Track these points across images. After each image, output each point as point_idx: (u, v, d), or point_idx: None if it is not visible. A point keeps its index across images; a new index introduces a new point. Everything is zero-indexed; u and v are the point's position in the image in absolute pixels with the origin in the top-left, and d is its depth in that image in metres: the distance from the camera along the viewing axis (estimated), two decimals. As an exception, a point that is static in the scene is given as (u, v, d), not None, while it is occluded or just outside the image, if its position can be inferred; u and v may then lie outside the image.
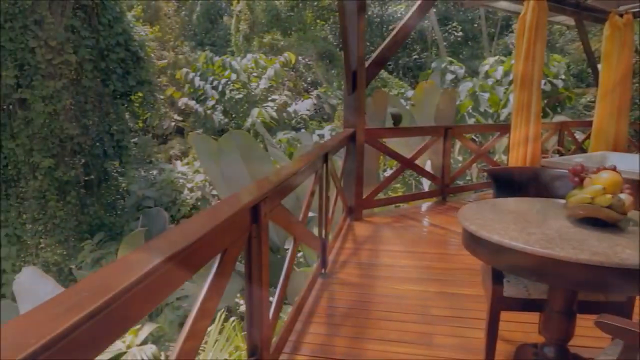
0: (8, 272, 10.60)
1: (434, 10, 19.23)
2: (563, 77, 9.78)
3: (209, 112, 12.81)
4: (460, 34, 20.71)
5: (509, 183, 2.88)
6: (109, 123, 11.27)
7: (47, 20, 10.03)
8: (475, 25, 21.11)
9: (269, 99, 12.60)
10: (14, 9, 9.75)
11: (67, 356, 0.88)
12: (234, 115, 12.68)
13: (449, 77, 9.29)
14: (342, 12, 4.52)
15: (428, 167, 6.81)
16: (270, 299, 2.35)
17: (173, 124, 15.88)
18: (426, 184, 7.20)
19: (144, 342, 5.15)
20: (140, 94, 11.84)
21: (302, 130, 10.71)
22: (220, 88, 12.56)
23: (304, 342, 2.89)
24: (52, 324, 0.87)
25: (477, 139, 9.03)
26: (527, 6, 5.23)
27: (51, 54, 10.19)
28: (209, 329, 4.90)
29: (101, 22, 10.97)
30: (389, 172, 8.51)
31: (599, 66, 6.85)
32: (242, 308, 7.77)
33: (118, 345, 4.93)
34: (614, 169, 2.06)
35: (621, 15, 6.31)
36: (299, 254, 7.10)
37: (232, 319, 4.38)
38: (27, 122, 10.23)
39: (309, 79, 19.29)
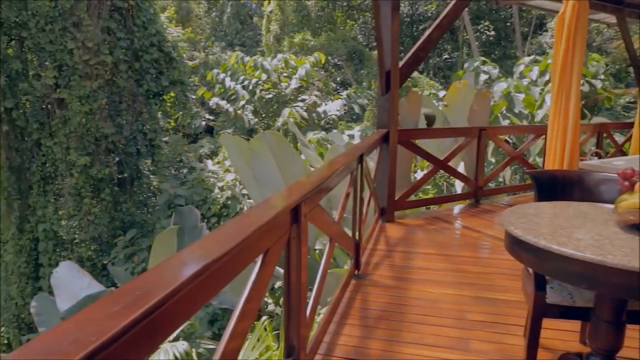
0: (45, 265, 10.94)
1: (466, 9, 18.93)
2: (602, 77, 9.47)
3: (239, 111, 12.93)
4: (492, 33, 20.34)
5: (551, 186, 2.79)
6: (142, 122, 11.51)
7: (84, 22, 10.31)
8: (508, 24, 20.70)
9: (299, 99, 12.63)
10: (54, 12, 10.06)
11: (124, 354, 0.88)
12: (264, 115, 12.77)
13: (483, 77, 9.12)
14: (377, 12, 4.48)
15: (461, 168, 6.70)
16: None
17: (204, 123, 16.10)
18: (459, 186, 7.08)
19: (176, 339, 5.23)
20: (172, 94, 12.05)
21: (334, 130, 10.69)
22: (250, 88, 12.67)
23: (338, 344, 2.87)
24: (110, 321, 0.87)
25: (510, 141, 8.84)
26: (566, 4, 5.08)
27: (88, 54, 10.47)
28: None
29: (136, 23, 11.21)
30: (419, 174, 8.42)
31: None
32: (271, 307, 7.80)
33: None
34: (668, 173, 1.97)
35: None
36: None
37: (263, 318, 4.39)
38: (65, 121, 10.54)
39: (338, 78, 19.28)
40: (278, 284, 7.26)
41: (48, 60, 10.26)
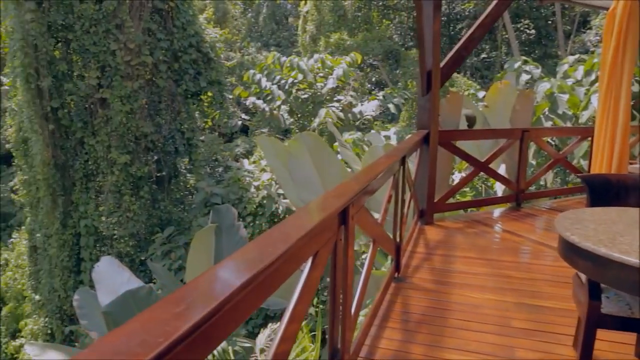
0: (86, 260, 11.28)
1: (506, 7, 18.45)
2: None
3: (275, 111, 13.03)
4: (533, 32, 19.77)
5: (605, 190, 2.67)
6: (180, 122, 11.73)
7: (127, 24, 10.59)
8: (549, 22, 20.09)
9: (335, 99, 12.61)
10: (98, 14, 10.37)
11: (188, 355, 0.88)
12: (299, 115, 12.81)
13: (524, 77, 8.86)
14: (419, 12, 4.41)
15: (501, 170, 6.53)
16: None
17: (240, 122, 16.28)
18: (499, 189, 6.91)
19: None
20: (209, 94, 12.23)
21: (372, 131, 10.62)
22: (286, 88, 12.74)
23: (379, 347, 2.83)
24: (175, 322, 0.87)
25: (552, 143, 8.57)
26: (617, 2, 4.87)
27: (130, 55, 10.75)
28: (278, 329, 4.96)
29: (175, 24, 11.44)
30: (456, 176, 8.27)
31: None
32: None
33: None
34: None
35: None
36: (363, 256, 7.04)
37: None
38: (107, 121, 10.85)
39: (373, 79, 19.17)
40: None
41: (92, 61, 10.58)
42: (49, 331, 12.16)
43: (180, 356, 0.85)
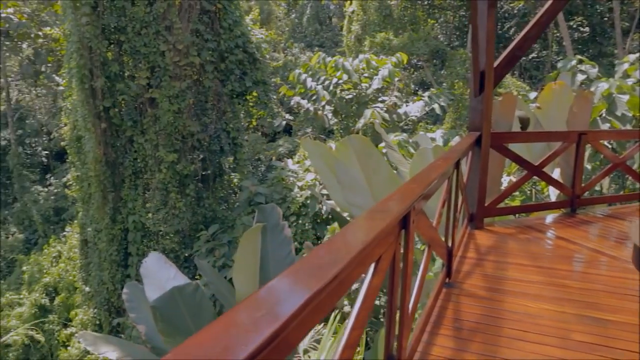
0: (133, 255, 11.64)
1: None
2: None
3: (319, 112, 13.04)
4: (587, 29, 18.95)
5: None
6: (225, 121, 11.92)
7: (176, 25, 10.85)
8: (605, 19, 19.20)
9: (379, 99, 12.50)
10: (149, 16, 10.67)
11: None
12: (343, 116, 12.77)
13: (579, 77, 8.47)
14: (474, 9, 4.29)
15: (556, 175, 6.27)
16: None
17: (284, 122, 16.40)
18: (553, 194, 6.64)
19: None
20: (254, 94, 12.37)
21: (420, 132, 10.46)
22: (330, 88, 12.73)
23: (432, 355, 2.75)
24: (255, 327, 0.85)
25: (608, 146, 8.17)
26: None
27: (178, 56, 11.01)
28: (324, 330, 4.92)
29: (222, 25, 11.62)
30: (505, 179, 8.01)
31: None
32: (347, 308, 7.76)
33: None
34: None
35: None
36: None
37: (347, 320, 4.34)
38: (155, 120, 11.15)
39: (417, 79, 18.90)
40: (354, 285, 7.22)
41: (142, 62, 10.90)
42: (98, 322, 12.62)
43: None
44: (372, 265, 1.59)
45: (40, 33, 21.92)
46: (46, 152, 24.63)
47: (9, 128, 22.91)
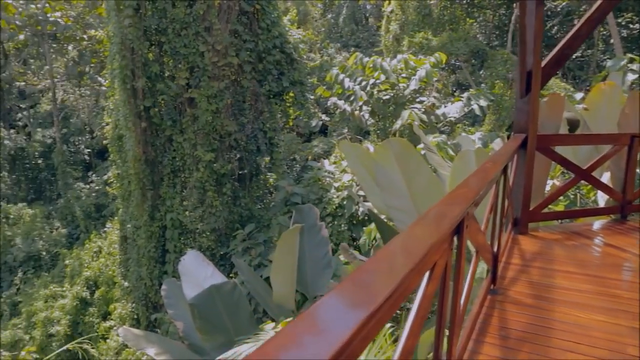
0: (170, 252, 11.86)
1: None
2: None
3: (356, 112, 12.98)
4: (637, 26, 18.14)
5: None
6: (262, 121, 12.01)
7: (215, 26, 10.99)
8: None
9: (417, 100, 12.33)
10: (189, 17, 10.85)
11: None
12: (380, 116, 12.67)
13: (630, 77, 8.10)
14: (522, 10, 4.15)
15: (605, 179, 6.02)
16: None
17: (320, 122, 16.42)
18: (601, 199, 6.37)
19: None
20: (292, 94, 12.41)
21: (462, 134, 10.26)
22: (367, 89, 12.64)
23: (478, 364, 2.67)
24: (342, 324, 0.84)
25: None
26: None
27: (217, 57, 11.15)
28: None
29: (260, 26, 11.71)
30: (548, 183, 7.74)
31: None
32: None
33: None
34: None
35: None
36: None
37: (387, 325, 4.28)
38: (194, 119, 11.33)
39: (455, 79, 18.57)
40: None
41: (182, 62, 11.09)
42: (135, 316, 12.93)
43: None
44: (427, 273, 1.54)
45: (85, 35, 22.71)
46: (88, 150, 25.46)
47: (54, 127, 23.81)
